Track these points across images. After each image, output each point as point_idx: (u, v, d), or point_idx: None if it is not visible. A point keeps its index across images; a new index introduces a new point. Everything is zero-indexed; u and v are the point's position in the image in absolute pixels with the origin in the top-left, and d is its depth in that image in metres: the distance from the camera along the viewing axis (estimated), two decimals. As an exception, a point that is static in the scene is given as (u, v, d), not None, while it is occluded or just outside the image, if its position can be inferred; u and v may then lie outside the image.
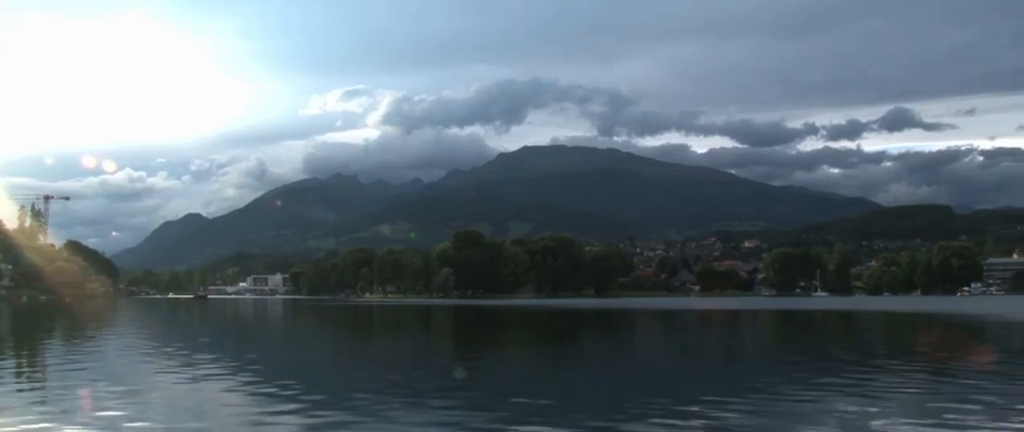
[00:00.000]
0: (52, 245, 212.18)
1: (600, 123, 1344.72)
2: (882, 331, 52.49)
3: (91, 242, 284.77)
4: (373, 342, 43.32)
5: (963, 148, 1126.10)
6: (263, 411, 15.79)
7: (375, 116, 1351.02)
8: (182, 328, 55.81)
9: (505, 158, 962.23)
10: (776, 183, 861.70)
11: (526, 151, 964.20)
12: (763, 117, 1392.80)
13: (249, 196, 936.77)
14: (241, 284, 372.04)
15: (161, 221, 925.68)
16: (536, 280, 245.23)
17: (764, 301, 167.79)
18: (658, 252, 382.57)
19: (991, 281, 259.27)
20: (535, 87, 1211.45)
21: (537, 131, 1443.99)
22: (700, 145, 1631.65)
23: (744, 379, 22.56)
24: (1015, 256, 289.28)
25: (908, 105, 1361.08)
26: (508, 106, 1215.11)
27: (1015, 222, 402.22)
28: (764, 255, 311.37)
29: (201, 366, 24.41)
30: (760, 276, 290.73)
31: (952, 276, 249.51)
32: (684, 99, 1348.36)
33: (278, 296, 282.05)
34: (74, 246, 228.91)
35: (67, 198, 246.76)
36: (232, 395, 18.34)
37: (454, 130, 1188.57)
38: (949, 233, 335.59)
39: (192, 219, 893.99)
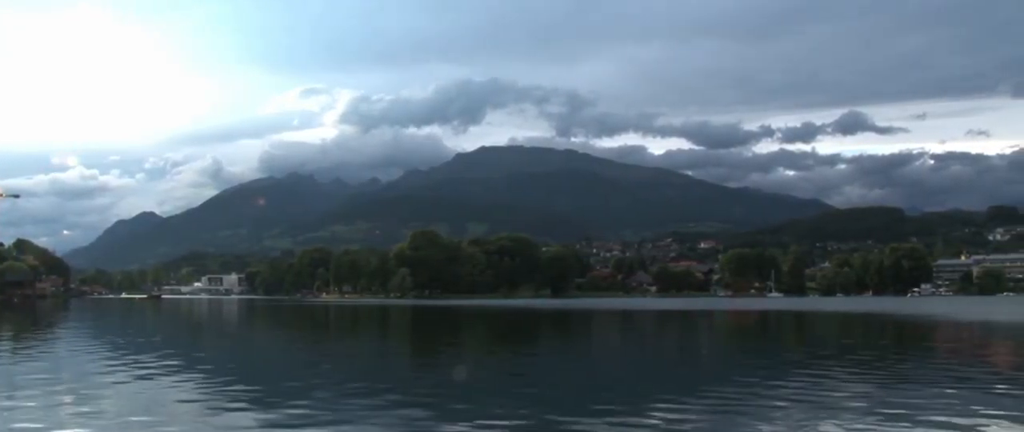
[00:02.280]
0: (0, 244, 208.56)
1: (558, 124, 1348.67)
2: (835, 331, 53.09)
3: (42, 241, 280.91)
4: (329, 343, 43.00)
5: (915, 152, 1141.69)
6: (217, 413, 15.61)
7: (333, 115, 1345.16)
8: (134, 329, 54.99)
9: (463, 158, 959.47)
10: (732, 185, 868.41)
11: (484, 151, 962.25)
12: (720, 119, 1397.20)
13: (204, 195, 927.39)
14: (196, 284, 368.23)
15: (114, 220, 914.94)
16: (493, 280, 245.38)
17: (719, 302, 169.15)
18: (615, 253, 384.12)
19: (940, 282, 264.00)
20: (494, 87, 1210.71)
21: (495, 131, 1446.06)
22: (657, 146, 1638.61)
23: (698, 379, 22.71)
24: (963, 258, 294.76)
25: (861, 109, 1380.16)
26: (466, 106, 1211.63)
27: (963, 224, 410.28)
28: (720, 256, 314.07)
29: (152, 367, 24.09)
30: (716, 277, 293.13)
31: (903, 277, 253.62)
32: (642, 101, 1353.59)
33: (233, 296, 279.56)
34: (24, 245, 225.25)
35: (17, 196, 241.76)
36: (185, 397, 18.09)
37: (412, 130, 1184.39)
38: (900, 235, 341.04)
39: (146, 218, 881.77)
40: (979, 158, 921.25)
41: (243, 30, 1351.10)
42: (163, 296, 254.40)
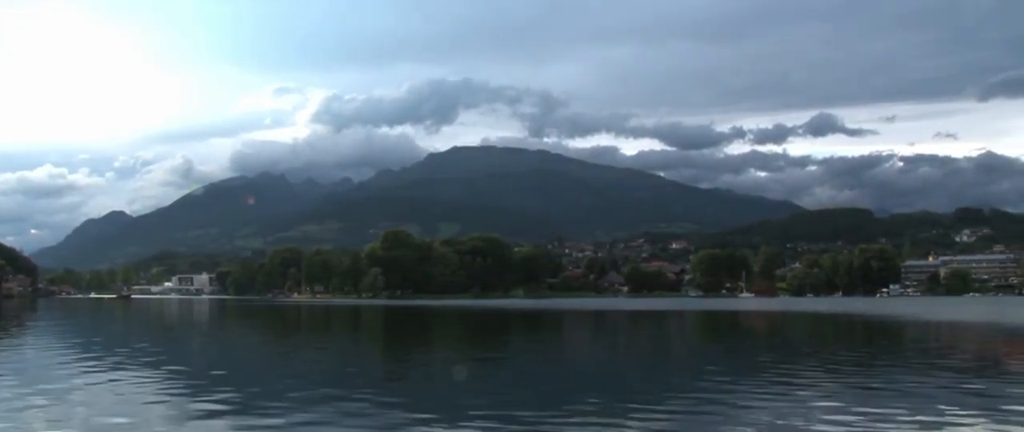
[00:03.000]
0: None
1: (531, 124, 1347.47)
2: (805, 331, 53.55)
3: (9, 240, 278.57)
4: (300, 343, 42.82)
5: (884, 153, 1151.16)
6: (185, 413, 15.53)
7: (305, 114, 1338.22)
8: (103, 329, 54.51)
9: (435, 158, 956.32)
10: (704, 186, 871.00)
11: (456, 151, 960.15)
12: (692, 120, 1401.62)
13: (175, 194, 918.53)
14: (166, 284, 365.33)
15: (83, 219, 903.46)
16: (465, 280, 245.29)
17: (691, 302, 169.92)
18: (587, 253, 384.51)
19: (908, 283, 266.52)
20: (467, 87, 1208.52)
21: (468, 131, 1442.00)
22: (629, 147, 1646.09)
23: (671, 378, 22.84)
24: (931, 259, 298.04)
25: (832, 111, 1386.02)
26: (439, 106, 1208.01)
27: (931, 226, 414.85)
28: (691, 257, 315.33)
29: (120, 367, 23.92)
30: (688, 277, 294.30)
31: (872, 278, 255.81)
32: (614, 101, 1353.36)
33: (204, 296, 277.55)
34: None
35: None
36: (153, 398, 17.99)
37: (384, 129, 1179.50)
38: (869, 236, 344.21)
39: (115, 217, 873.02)
40: (947, 160, 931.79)
41: (215, 28, 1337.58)
42: (133, 296, 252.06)
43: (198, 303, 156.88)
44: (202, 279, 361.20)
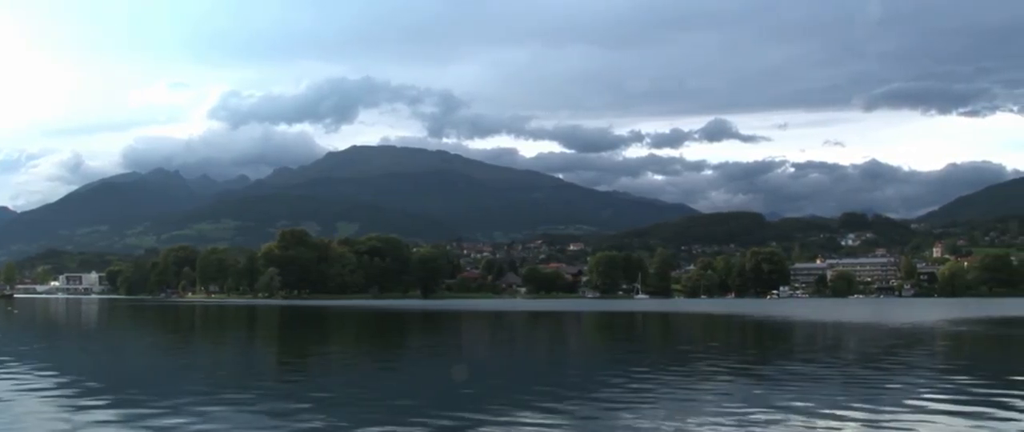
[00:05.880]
0: None
1: (431, 124, 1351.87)
2: (698, 332, 54.57)
3: None
4: (193, 344, 41.78)
5: (777, 159, 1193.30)
6: (73, 418, 14.96)
7: (201, 110, 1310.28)
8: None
9: (334, 157, 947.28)
10: (602, 188, 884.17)
11: (355, 150, 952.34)
12: (591, 124, 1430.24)
13: (62, 190, 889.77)
14: (53, 283, 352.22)
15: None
16: (363, 281, 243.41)
17: (588, 303, 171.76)
18: (485, 254, 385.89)
19: (797, 284, 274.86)
20: (367, 86, 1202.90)
21: (367, 130, 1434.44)
22: (529, 149, 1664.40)
23: (566, 380, 22.94)
24: (818, 262, 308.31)
25: (727, 117, 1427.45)
26: (339, 104, 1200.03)
27: (819, 230, 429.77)
28: (589, 258, 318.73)
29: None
30: (585, 278, 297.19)
31: (763, 279, 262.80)
32: (515, 103, 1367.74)
33: (93, 295, 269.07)
34: None
35: None
36: (37, 402, 17.29)
37: (282, 127, 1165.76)
38: (761, 239, 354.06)
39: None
40: (835, 167, 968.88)
41: (107, 19, 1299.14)
42: (15, 295, 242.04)
43: (87, 303, 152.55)
44: (91, 278, 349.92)
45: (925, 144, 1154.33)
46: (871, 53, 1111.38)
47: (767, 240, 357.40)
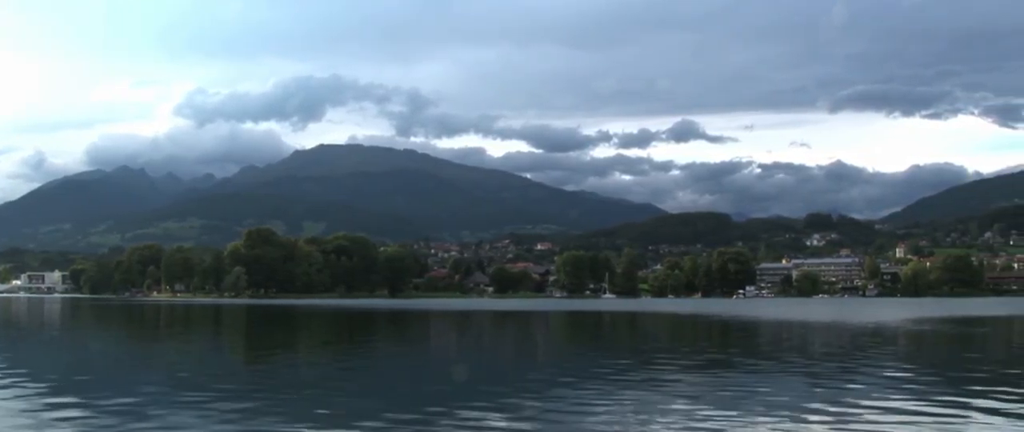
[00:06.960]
0: None
1: (399, 123, 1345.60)
2: (665, 332, 54.90)
3: None
4: (158, 343, 41.44)
5: (743, 160, 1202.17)
6: (38, 419, 14.83)
7: (166, 108, 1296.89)
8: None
9: (301, 156, 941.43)
10: (570, 188, 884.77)
11: (323, 149, 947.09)
12: (559, 123, 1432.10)
13: (24, 187, 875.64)
14: (14, 282, 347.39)
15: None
16: (330, 280, 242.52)
17: (555, 303, 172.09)
18: (452, 253, 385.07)
19: (763, 284, 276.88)
20: (335, 84, 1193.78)
21: (335, 129, 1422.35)
22: (497, 149, 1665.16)
23: (533, 378, 23.01)
24: (784, 262, 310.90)
25: (694, 118, 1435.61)
26: (306, 102, 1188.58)
27: (785, 230, 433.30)
28: (556, 258, 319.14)
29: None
30: (552, 278, 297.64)
31: (729, 279, 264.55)
32: (483, 103, 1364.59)
33: (57, 295, 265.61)
34: None
35: None
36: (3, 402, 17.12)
37: (249, 125, 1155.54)
38: (727, 240, 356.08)
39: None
40: (801, 168, 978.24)
41: (72, 14, 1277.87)
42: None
43: (50, 302, 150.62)
44: (54, 277, 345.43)
45: (889, 146, 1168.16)
46: (837, 56, 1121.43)
47: (734, 240, 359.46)
